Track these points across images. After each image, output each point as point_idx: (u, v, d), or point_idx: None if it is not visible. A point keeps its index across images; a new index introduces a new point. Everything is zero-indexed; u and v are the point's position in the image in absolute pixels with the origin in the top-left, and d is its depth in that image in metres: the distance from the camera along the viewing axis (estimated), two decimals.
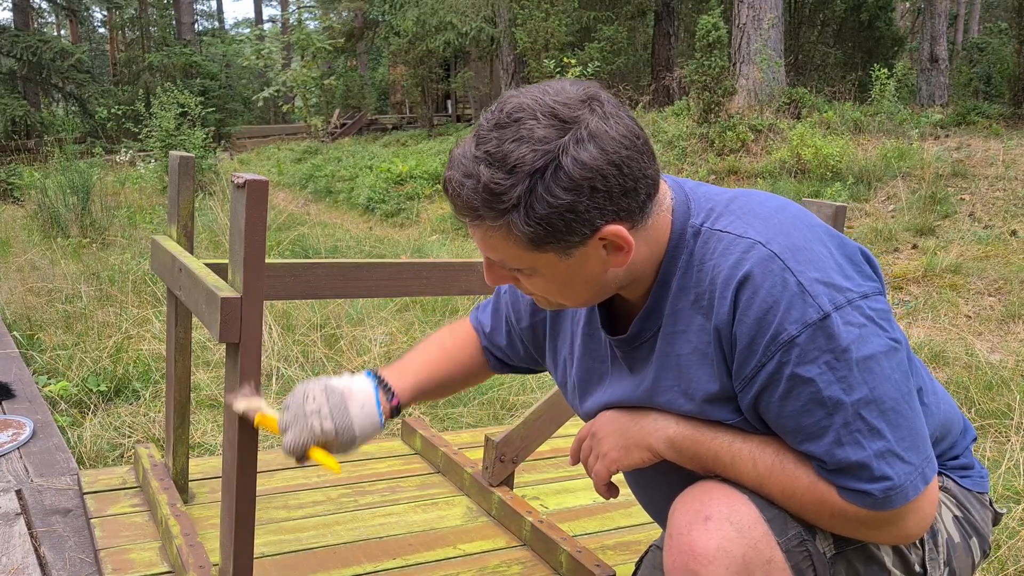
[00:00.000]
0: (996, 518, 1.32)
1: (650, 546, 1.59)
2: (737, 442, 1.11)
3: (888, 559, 1.14)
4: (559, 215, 0.99)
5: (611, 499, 1.29)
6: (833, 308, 1.01)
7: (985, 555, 1.27)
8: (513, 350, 1.46)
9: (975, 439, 1.34)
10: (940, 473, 1.26)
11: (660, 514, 1.32)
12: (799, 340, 1.00)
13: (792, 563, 1.06)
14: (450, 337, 1.50)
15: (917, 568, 1.16)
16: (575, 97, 1.01)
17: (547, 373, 1.47)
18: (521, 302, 1.40)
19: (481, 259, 1.15)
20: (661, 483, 1.26)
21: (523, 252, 1.05)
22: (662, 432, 1.16)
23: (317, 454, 1.26)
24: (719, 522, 1.04)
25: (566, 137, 0.98)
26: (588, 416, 1.32)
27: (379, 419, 1.29)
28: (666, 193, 1.13)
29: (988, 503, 1.30)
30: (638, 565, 1.60)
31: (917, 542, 1.16)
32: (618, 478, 1.31)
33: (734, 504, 1.06)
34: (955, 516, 1.22)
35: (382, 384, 1.34)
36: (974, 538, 1.24)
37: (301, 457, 1.27)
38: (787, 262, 1.03)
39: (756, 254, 1.04)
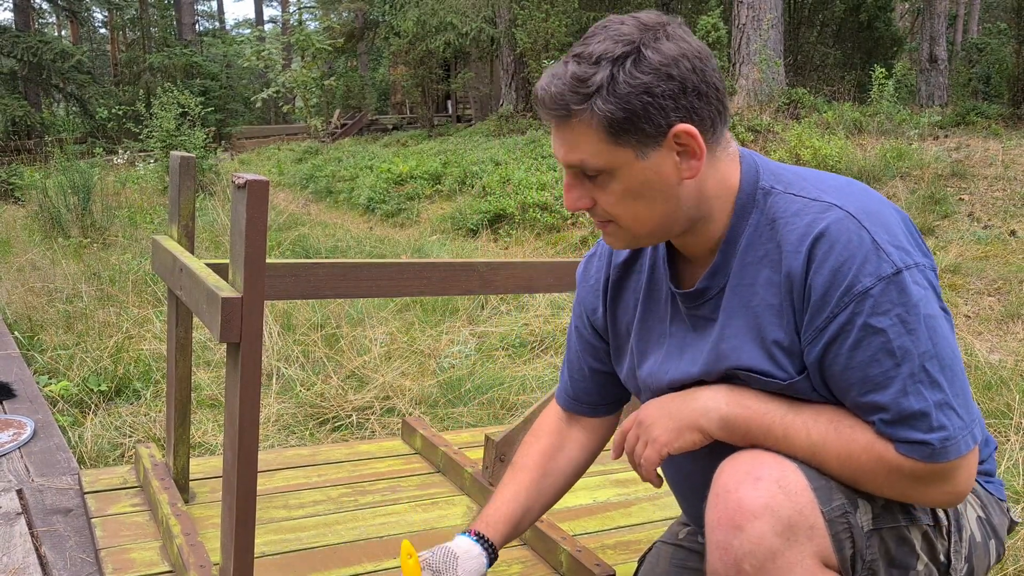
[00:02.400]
0: (1011, 526, 1.34)
1: (653, 544, 1.60)
2: (789, 415, 1.13)
3: (918, 543, 1.16)
4: (637, 96, 1.06)
5: (659, 487, 1.29)
6: (905, 267, 1.06)
7: (1000, 558, 1.29)
8: (596, 372, 1.46)
9: (996, 447, 1.36)
10: None
11: (692, 488, 1.34)
12: (873, 292, 1.05)
13: (832, 532, 1.08)
14: (536, 446, 1.52)
15: (942, 558, 1.18)
16: (657, 15, 1.13)
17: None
18: (588, 299, 1.43)
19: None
20: (701, 456, 1.24)
21: (603, 146, 1.10)
22: (714, 412, 1.17)
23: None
24: (768, 483, 1.07)
25: (648, 34, 1.09)
26: (645, 387, 1.33)
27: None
28: (732, 143, 1.18)
29: (1006, 510, 1.32)
30: (640, 563, 1.61)
31: (944, 533, 1.18)
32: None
33: (784, 469, 1.09)
34: (979, 516, 1.25)
35: (483, 543, 1.40)
36: (993, 540, 1.26)
37: None
38: (863, 222, 1.08)
39: (832, 214, 1.09)
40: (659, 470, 1.27)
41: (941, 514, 1.19)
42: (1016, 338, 4.88)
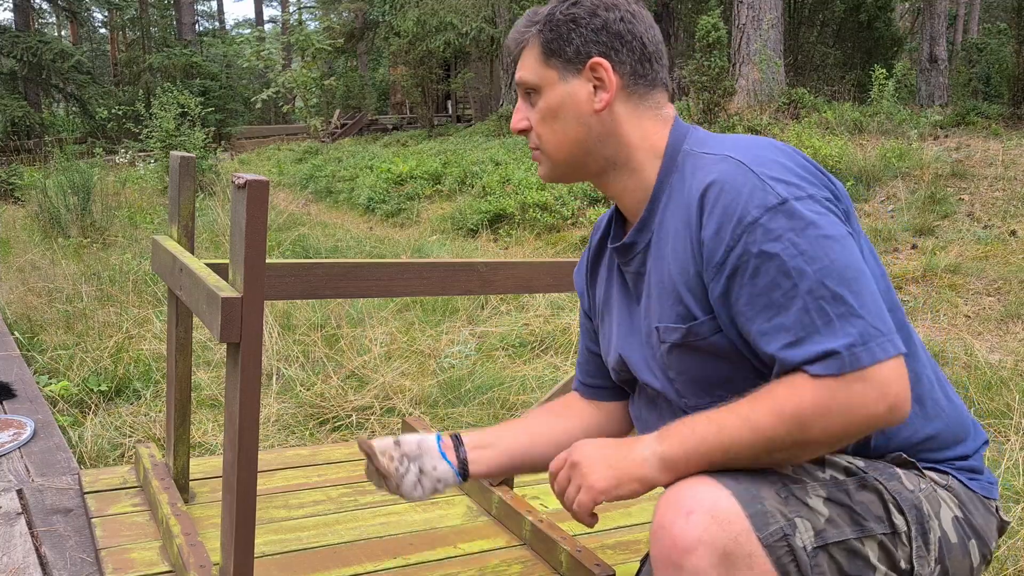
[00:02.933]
0: (1002, 526, 1.30)
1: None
2: (716, 415, 1.13)
3: (873, 555, 1.13)
4: (565, 24, 1.25)
5: (593, 526, 1.28)
6: (793, 198, 1.11)
7: (986, 560, 1.26)
8: (594, 354, 1.49)
9: (986, 442, 1.33)
10: (947, 472, 1.25)
11: None
12: (761, 220, 1.09)
13: (774, 557, 1.06)
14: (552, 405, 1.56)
15: (903, 564, 1.14)
16: None
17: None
18: (579, 281, 1.51)
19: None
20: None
21: (537, 64, 1.28)
22: (652, 457, 1.15)
23: None
24: (700, 515, 1.06)
25: None
26: (614, 369, 1.38)
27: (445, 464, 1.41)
28: (670, 109, 1.30)
29: (995, 510, 1.29)
30: (643, 563, 1.61)
31: (904, 538, 1.14)
32: None
33: (717, 498, 1.07)
34: (955, 516, 1.21)
35: (455, 440, 1.43)
36: (973, 540, 1.22)
37: None
38: (750, 165, 1.13)
39: (723, 164, 1.16)
40: (594, 510, 1.26)
41: (899, 520, 1.15)
42: (1016, 338, 4.88)
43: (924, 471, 1.23)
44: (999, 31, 17.27)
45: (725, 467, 1.12)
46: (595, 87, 1.25)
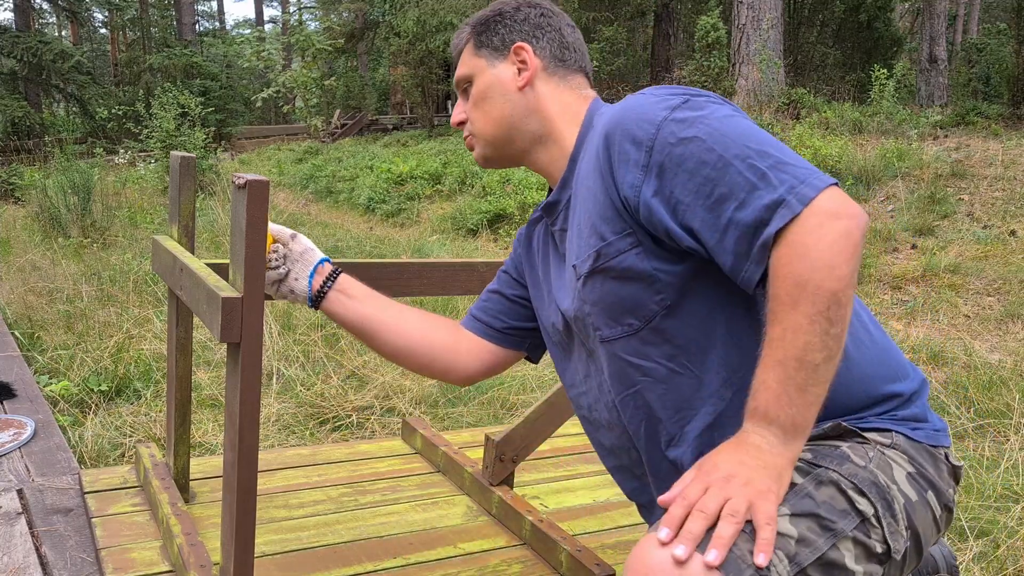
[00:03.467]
0: (955, 472, 1.27)
1: None
2: (764, 358, 1.08)
3: (849, 556, 1.09)
4: (492, 19, 1.44)
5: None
6: (692, 95, 1.20)
7: (948, 509, 1.23)
8: (506, 300, 1.56)
9: (925, 383, 1.30)
10: (889, 430, 1.22)
11: (613, 458, 1.39)
12: (671, 117, 1.16)
13: None
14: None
15: (879, 549, 1.12)
16: None
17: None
18: (515, 247, 1.57)
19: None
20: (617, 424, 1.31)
21: (469, 57, 1.44)
22: (768, 435, 1.07)
23: None
24: None
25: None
26: (554, 310, 1.40)
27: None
28: (590, 91, 1.44)
29: (944, 457, 1.25)
30: None
31: (874, 520, 1.12)
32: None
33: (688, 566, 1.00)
34: (908, 473, 1.18)
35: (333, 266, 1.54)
36: (930, 491, 1.20)
37: None
38: (645, 94, 1.23)
39: (622, 102, 1.25)
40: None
41: (864, 503, 1.12)
42: (1016, 338, 4.89)
43: (866, 434, 1.20)
44: (999, 31, 17.26)
45: (821, 382, 1.06)
46: (519, 69, 1.40)
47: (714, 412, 1.21)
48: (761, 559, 1.00)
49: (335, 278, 1.52)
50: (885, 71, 10.65)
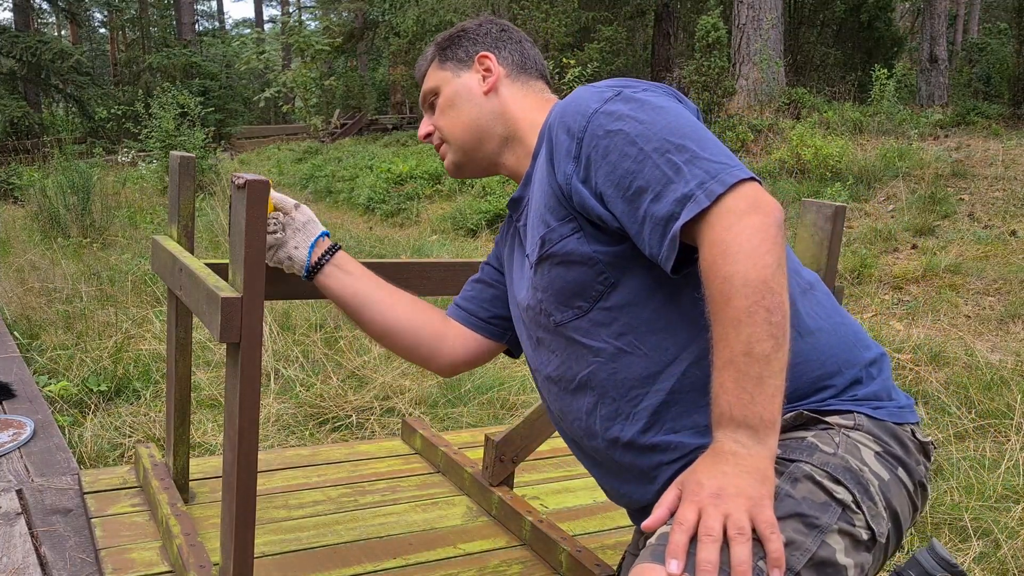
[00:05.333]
0: (924, 448, 1.25)
1: (624, 554, 1.59)
2: (716, 359, 1.08)
3: (839, 550, 1.08)
4: (456, 35, 1.52)
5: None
6: (625, 87, 1.24)
7: (923, 487, 1.22)
8: (490, 288, 1.57)
9: (884, 355, 1.28)
10: (851, 411, 1.20)
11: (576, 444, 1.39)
12: (602, 109, 1.21)
13: None
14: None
15: (864, 536, 1.11)
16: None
17: None
18: (496, 244, 1.60)
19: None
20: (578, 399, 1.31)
21: (435, 72, 1.51)
22: (741, 437, 1.05)
23: None
24: None
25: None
26: (518, 301, 1.42)
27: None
28: (547, 92, 1.50)
29: (911, 434, 1.23)
30: (617, 571, 1.60)
31: (854, 507, 1.11)
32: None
33: None
34: (876, 452, 1.17)
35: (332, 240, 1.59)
36: (900, 469, 1.19)
37: None
38: (587, 87, 1.27)
39: (567, 97, 1.29)
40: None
41: (841, 492, 1.11)
42: (1016, 338, 4.88)
43: (828, 419, 1.19)
44: (999, 31, 17.26)
45: (776, 372, 1.04)
46: (484, 76, 1.47)
47: (667, 389, 1.22)
48: (776, 574, 0.99)
49: (333, 252, 1.56)
50: (885, 71, 10.65)
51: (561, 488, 2.46)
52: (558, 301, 1.29)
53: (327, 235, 1.58)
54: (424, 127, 1.53)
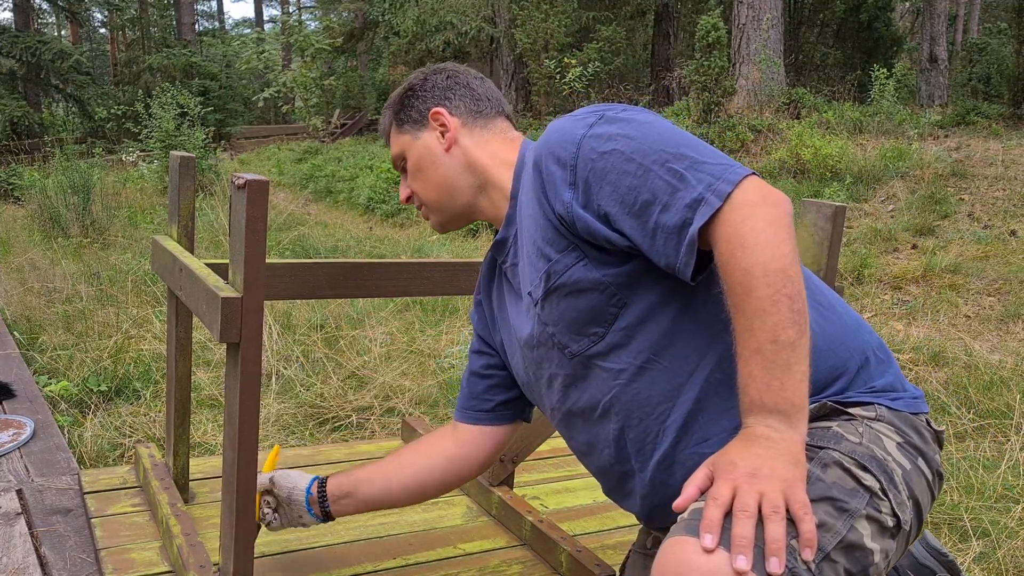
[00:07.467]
0: (938, 437, 1.28)
1: (628, 552, 1.59)
2: (740, 349, 1.10)
3: (867, 535, 1.09)
4: (405, 95, 1.51)
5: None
6: (606, 109, 1.26)
7: (939, 476, 1.25)
8: (483, 378, 1.57)
9: (882, 346, 1.32)
10: (871, 403, 1.23)
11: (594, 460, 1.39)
12: (589, 134, 1.22)
13: None
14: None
15: (890, 522, 1.13)
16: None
17: None
18: (480, 308, 1.59)
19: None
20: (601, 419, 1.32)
21: (396, 136, 1.51)
22: (773, 422, 1.06)
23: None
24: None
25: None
26: (518, 347, 1.42)
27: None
28: (516, 133, 1.50)
29: (926, 423, 1.27)
30: (621, 572, 1.60)
31: (881, 494, 1.12)
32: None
33: (713, 565, 0.98)
34: (898, 443, 1.20)
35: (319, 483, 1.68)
36: (920, 459, 1.22)
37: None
38: (564, 119, 1.29)
39: (546, 130, 1.30)
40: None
41: (869, 479, 1.12)
42: (1016, 338, 4.88)
43: (850, 410, 1.22)
44: (999, 31, 17.25)
45: (802, 358, 1.07)
46: (441, 133, 1.46)
47: (693, 398, 1.23)
48: (807, 554, 1.01)
49: (325, 493, 1.66)
50: (885, 71, 10.65)
51: (561, 488, 2.46)
52: (572, 331, 1.29)
53: (310, 486, 1.68)
54: (403, 191, 1.54)
